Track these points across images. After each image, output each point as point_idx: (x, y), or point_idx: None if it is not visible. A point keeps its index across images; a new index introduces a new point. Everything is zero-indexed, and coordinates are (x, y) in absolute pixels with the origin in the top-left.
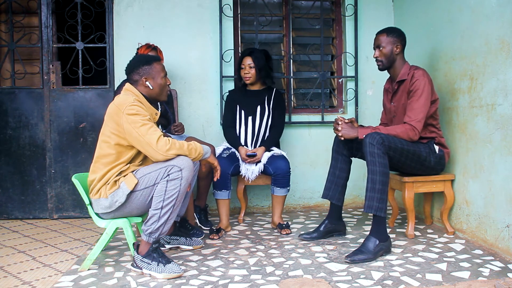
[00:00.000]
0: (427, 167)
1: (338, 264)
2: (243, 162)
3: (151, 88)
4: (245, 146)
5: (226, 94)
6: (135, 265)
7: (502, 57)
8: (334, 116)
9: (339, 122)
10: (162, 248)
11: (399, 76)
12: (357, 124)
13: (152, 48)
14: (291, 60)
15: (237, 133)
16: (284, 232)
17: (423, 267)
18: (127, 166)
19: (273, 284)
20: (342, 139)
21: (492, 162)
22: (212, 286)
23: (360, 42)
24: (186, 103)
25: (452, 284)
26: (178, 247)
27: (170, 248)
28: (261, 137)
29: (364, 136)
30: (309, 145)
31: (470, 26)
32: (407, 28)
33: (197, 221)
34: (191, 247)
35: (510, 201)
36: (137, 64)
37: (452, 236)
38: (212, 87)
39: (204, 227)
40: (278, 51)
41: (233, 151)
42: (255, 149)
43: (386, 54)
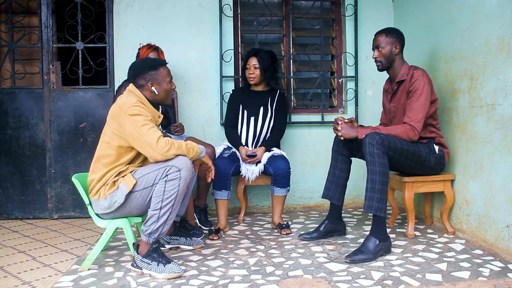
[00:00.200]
0: (427, 167)
1: (338, 264)
2: (244, 162)
3: (157, 94)
4: (246, 146)
5: (229, 93)
6: (135, 265)
7: (502, 57)
8: (334, 116)
9: (339, 122)
10: (162, 248)
11: (399, 77)
12: (357, 124)
13: (154, 49)
14: (291, 60)
15: (239, 133)
16: (284, 232)
17: (423, 267)
18: (126, 167)
19: (273, 284)
20: (342, 139)
21: (492, 162)
22: (212, 286)
23: (360, 42)
24: (186, 103)
25: (452, 284)
26: (178, 247)
27: (170, 248)
28: (262, 138)
29: (364, 136)
30: (309, 145)
31: (470, 26)
32: (407, 28)
33: (197, 221)
34: (191, 247)
35: (510, 201)
36: (143, 69)
37: (452, 236)
38: (212, 87)
39: (204, 227)
40: (278, 51)
41: (234, 151)
42: (255, 149)
43: (385, 55)
